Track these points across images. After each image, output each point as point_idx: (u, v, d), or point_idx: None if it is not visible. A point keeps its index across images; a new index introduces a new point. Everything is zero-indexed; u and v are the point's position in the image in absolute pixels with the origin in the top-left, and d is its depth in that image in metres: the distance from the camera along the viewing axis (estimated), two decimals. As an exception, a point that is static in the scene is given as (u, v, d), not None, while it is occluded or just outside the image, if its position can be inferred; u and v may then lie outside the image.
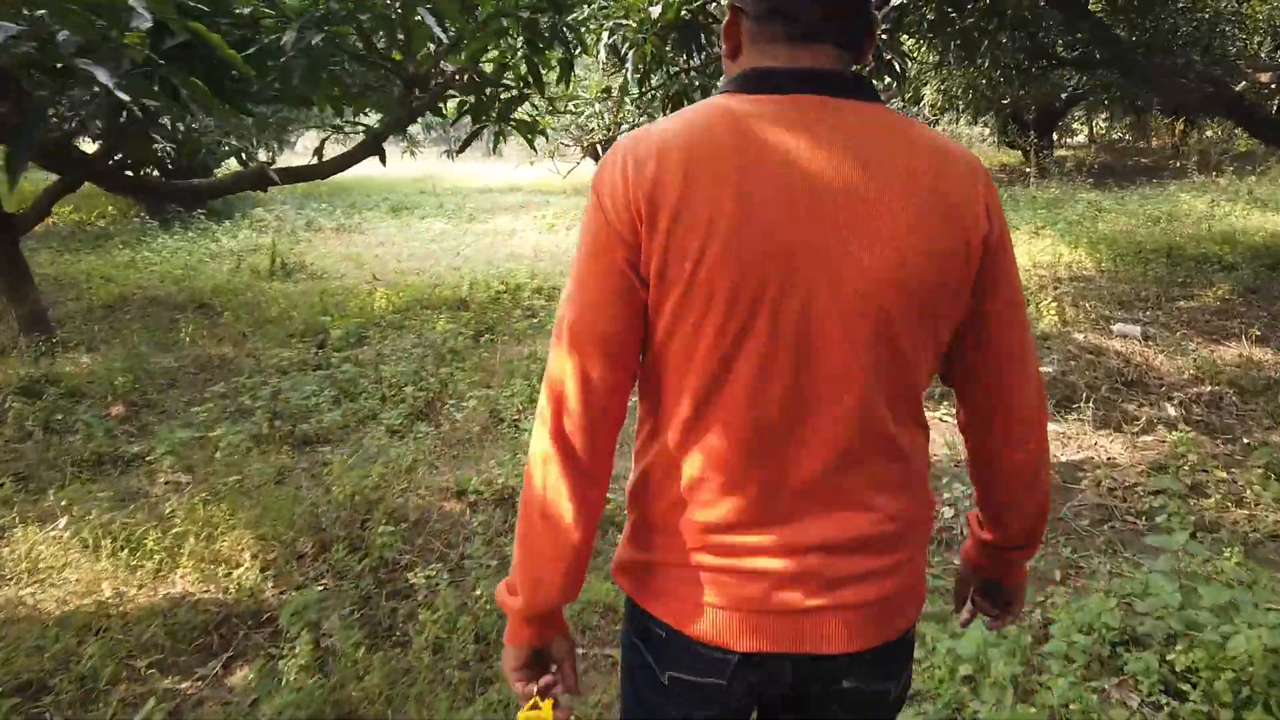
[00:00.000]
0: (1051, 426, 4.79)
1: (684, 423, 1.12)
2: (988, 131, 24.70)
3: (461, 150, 3.96)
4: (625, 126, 14.26)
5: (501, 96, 3.84)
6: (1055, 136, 21.55)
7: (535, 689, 1.20)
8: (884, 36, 4.11)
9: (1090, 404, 4.96)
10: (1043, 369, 5.62)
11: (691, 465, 1.13)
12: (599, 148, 16.58)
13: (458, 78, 3.90)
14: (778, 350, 1.07)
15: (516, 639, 1.20)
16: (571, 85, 12.12)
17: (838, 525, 1.13)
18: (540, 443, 1.14)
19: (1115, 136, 26.36)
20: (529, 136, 3.87)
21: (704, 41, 4.75)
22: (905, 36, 5.12)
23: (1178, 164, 16.64)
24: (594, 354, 1.10)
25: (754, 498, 1.12)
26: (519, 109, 3.79)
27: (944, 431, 4.60)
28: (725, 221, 1.03)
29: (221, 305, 8.03)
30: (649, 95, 5.40)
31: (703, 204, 1.03)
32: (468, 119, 3.76)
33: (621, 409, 1.15)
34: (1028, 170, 15.78)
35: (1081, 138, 28.73)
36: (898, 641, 1.20)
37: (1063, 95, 14.65)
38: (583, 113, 13.24)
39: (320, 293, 7.94)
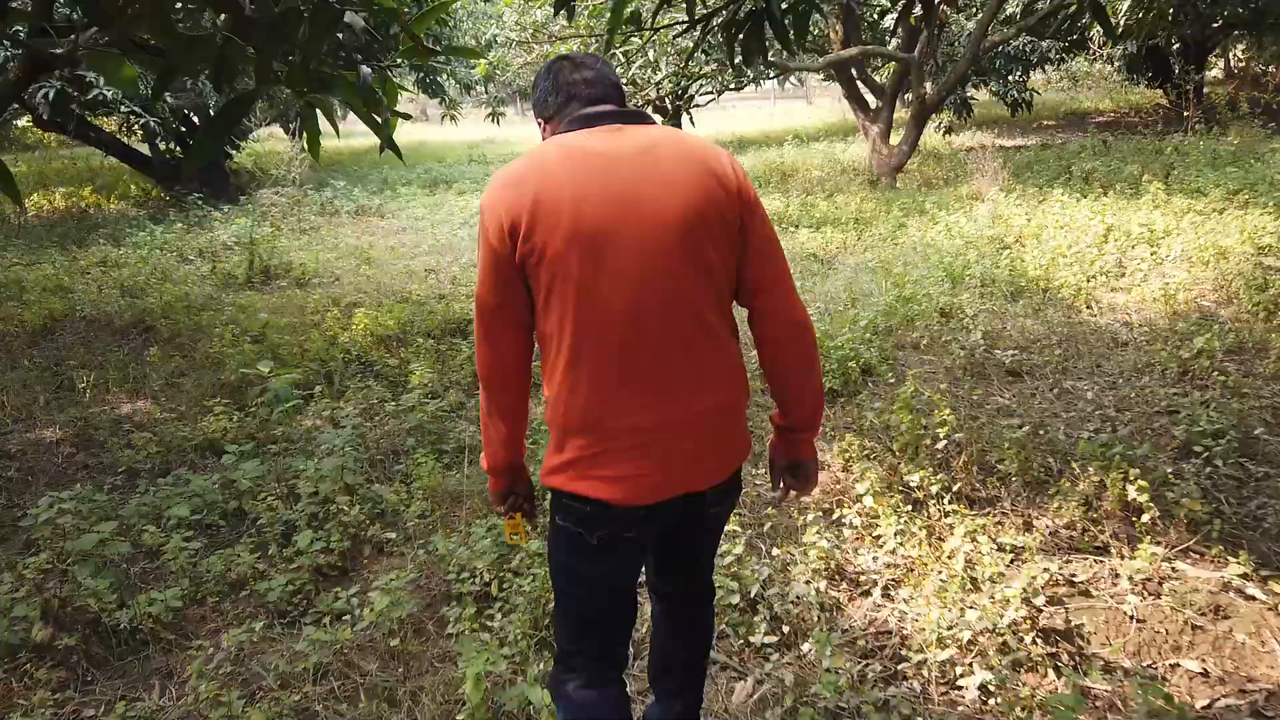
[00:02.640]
0: None
1: (569, 355, 1.62)
2: (1110, 69, 21.47)
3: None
4: (665, 73, 11.96)
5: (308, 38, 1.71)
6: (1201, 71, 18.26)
7: (508, 509, 1.90)
8: None
9: None
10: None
11: (590, 384, 1.62)
12: (667, 102, 14.32)
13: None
14: (622, 288, 1.58)
15: (493, 485, 1.87)
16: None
17: (690, 403, 1.66)
18: (480, 374, 1.74)
19: (1260, 69, 22.74)
20: (378, 120, 1.78)
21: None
22: None
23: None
24: (492, 319, 1.66)
25: (637, 395, 1.62)
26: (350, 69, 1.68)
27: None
28: (565, 219, 1.56)
29: (166, 330, 6.21)
30: (706, 27, 3.26)
31: (549, 211, 1.56)
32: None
33: (521, 351, 1.70)
34: (1185, 114, 12.98)
35: (1216, 72, 25.10)
36: (732, 476, 1.81)
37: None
38: (634, 63, 10.98)
39: (268, 322, 5.97)
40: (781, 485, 1.95)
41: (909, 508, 3.06)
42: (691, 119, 12.71)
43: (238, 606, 2.87)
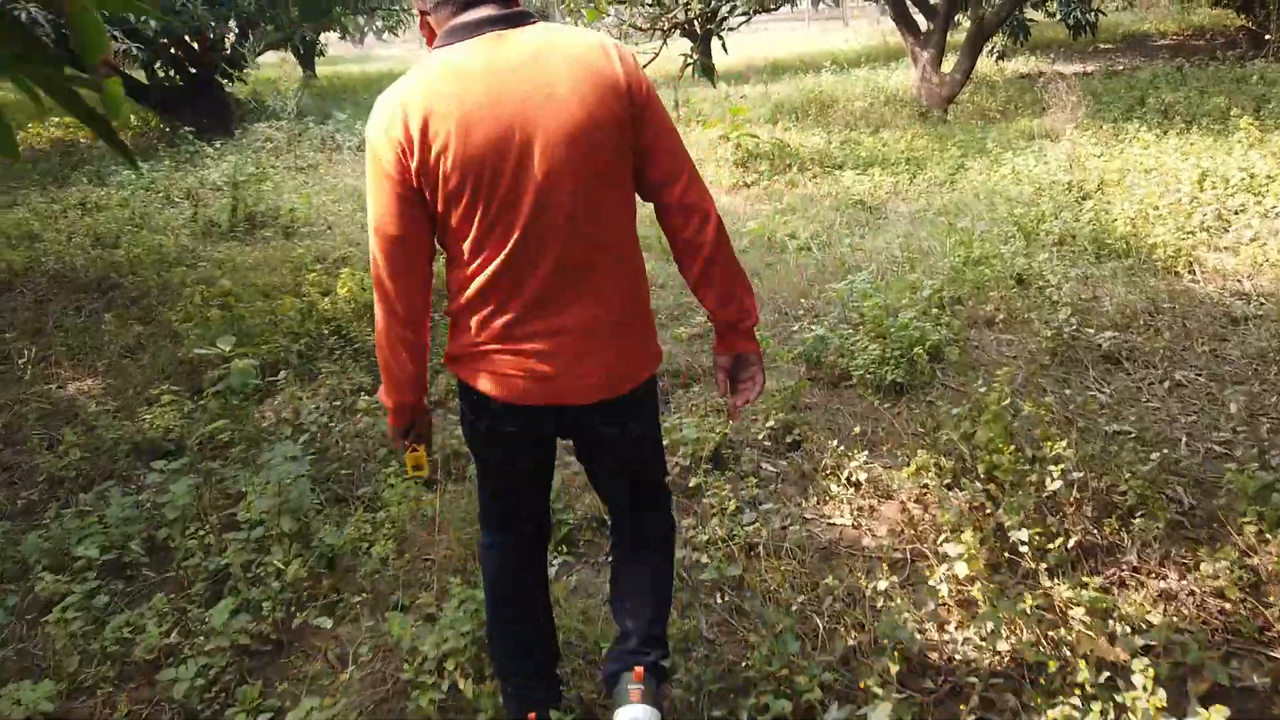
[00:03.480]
0: None
1: (469, 265, 1.63)
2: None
3: None
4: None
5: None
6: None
7: (409, 442, 1.87)
8: None
9: None
10: None
11: (478, 290, 1.64)
12: (696, 24, 13.23)
13: None
14: (516, 202, 1.57)
15: (393, 420, 1.84)
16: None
17: (574, 318, 1.65)
18: (378, 313, 1.70)
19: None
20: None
21: None
22: None
23: None
24: (394, 249, 1.62)
25: (518, 305, 1.64)
26: None
27: None
28: (455, 138, 1.52)
29: (133, 289, 5.53)
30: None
31: (438, 133, 1.53)
32: None
33: (425, 278, 1.68)
34: (1266, 37, 11.76)
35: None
36: (627, 397, 1.75)
37: None
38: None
39: (232, 290, 5.25)
40: (726, 388, 1.88)
41: (1015, 582, 2.33)
42: (724, 44, 11.66)
43: (136, 703, 2.22)
